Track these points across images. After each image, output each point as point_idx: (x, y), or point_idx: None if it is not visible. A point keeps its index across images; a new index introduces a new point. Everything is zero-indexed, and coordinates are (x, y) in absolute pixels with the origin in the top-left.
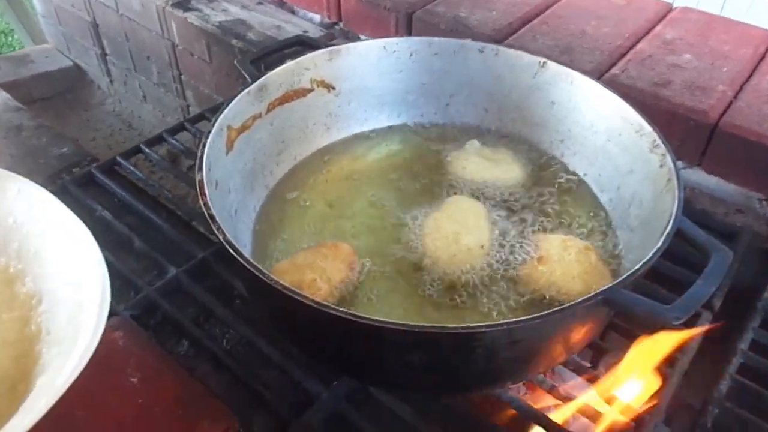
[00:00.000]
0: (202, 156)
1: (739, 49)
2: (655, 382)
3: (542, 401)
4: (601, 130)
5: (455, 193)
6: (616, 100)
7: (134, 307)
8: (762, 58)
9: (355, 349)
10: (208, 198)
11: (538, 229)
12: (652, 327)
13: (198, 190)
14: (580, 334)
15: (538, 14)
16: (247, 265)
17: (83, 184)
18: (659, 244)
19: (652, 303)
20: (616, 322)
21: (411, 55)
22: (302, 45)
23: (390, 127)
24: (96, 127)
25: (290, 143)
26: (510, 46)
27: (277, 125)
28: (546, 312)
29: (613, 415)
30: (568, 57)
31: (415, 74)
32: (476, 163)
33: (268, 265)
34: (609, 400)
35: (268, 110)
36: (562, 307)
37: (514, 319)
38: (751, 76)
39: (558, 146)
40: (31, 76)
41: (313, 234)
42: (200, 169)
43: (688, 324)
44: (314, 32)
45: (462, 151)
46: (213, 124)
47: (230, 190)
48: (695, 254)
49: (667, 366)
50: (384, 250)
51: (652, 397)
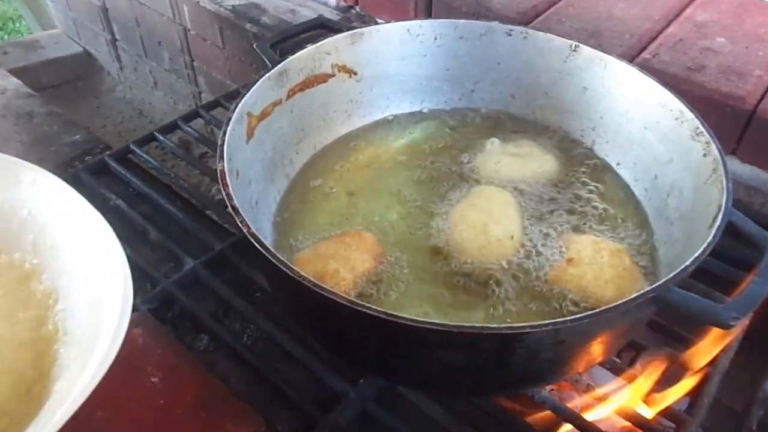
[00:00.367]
0: (222, 144)
1: None
2: (694, 383)
3: (576, 400)
4: (637, 116)
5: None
6: (654, 85)
7: (152, 300)
8: None
9: (388, 349)
10: (230, 189)
11: (567, 224)
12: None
13: (220, 180)
14: (623, 333)
15: None
16: (276, 261)
17: (96, 173)
18: (709, 239)
19: (707, 302)
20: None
21: (435, 38)
22: (322, 28)
23: (413, 114)
24: (106, 114)
25: (310, 131)
26: (536, 29)
27: (297, 112)
28: (594, 312)
29: (651, 417)
30: (596, 41)
31: (440, 59)
32: (508, 163)
33: (290, 258)
34: (647, 401)
35: (288, 96)
36: (610, 306)
37: (560, 319)
38: None
39: (589, 134)
40: (40, 62)
41: (335, 224)
42: (221, 158)
43: None
44: (330, 16)
45: (486, 153)
46: (233, 111)
47: (251, 180)
48: (736, 248)
49: (707, 365)
50: (409, 240)
51: (692, 398)
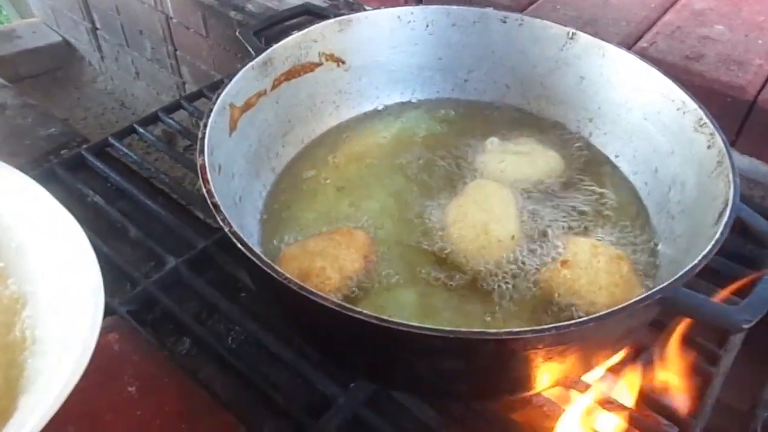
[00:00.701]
0: (203, 138)
1: None
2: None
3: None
4: (637, 107)
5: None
6: (656, 74)
7: (131, 301)
8: None
9: (380, 355)
10: (211, 185)
11: (566, 223)
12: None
13: (200, 176)
14: (627, 334)
15: None
16: (258, 262)
17: (73, 167)
18: (717, 235)
19: (718, 305)
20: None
21: (427, 26)
22: (309, 14)
23: (403, 105)
24: (87, 106)
25: (297, 123)
26: (532, 16)
27: (282, 103)
28: (598, 315)
29: (652, 419)
30: (592, 28)
31: (432, 47)
32: (513, 162)
33: (276, 256)
34: (648, 402)
35: (274, 87)
36: (617, 308)
37: (563, 323)
38: None
39: (586, 125)
40: (17, 53)
41: (324, 221)
42: (202, 152)
43: None
44: (317, 2)
45: (487, 153)
46: (214, 102)
47: (234, 175)
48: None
49: (709, 365)
50: (402, 239)
51: (695, 400)
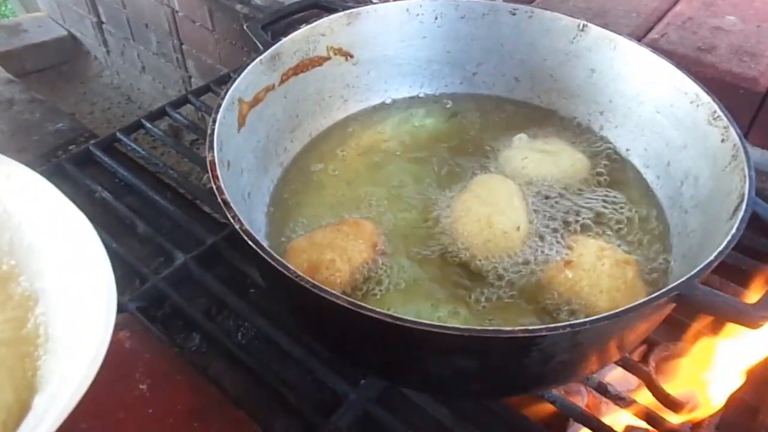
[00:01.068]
0: (212, 133)
1: None
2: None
3: (586, 399)
4: (649, 100)
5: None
6: (668, 66)
7: (140, 298)
8: None
9: (395, 352)
10: (221, 181)
11: (575, 221)
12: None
13: (210, 172)
14: (641, 331)
15: None
16: (270, 260)
17: (81, 163)
18: (733, 231)
19: (734, 300)
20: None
21: (436, 18)
22: (317, 8)
23: (412, 99)
24: (93, 100)
25: (305, 117)
26: (541, 8)
27: (291, 98)
28: (613, 312)
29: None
30: (602, 20)
31: (440, 40)
32: (536, 161)
33: (284, 250)
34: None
35: (282, 81)
36: (632, 305)
37: (578, 321)
38: None
39: (597, 119)
40: (23, 47)
41: (332, 213)
42: (211, 148)
43: None
44: None
45: (513, 149)
46: (223, 97)
47: (243, 170)
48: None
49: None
50: (410, 231)
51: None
